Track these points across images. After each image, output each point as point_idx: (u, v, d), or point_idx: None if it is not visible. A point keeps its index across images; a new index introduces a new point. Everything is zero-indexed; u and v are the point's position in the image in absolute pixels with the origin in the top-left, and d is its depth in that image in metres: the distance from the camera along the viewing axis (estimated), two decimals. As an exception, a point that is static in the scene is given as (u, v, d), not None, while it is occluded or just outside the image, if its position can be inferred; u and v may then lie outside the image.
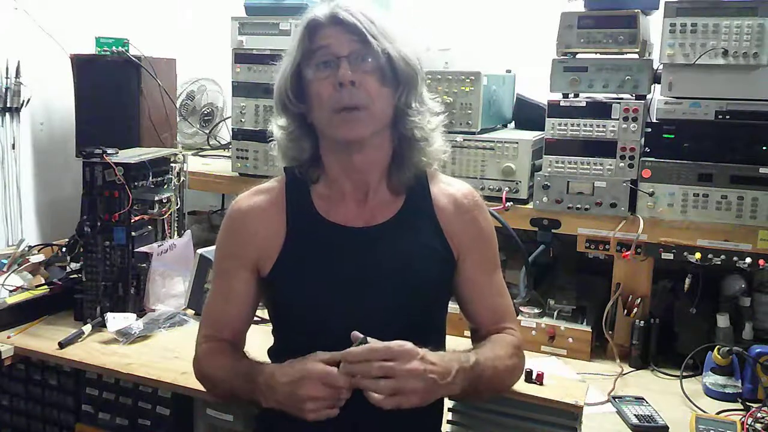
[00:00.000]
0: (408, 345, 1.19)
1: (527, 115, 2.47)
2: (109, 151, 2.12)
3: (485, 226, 1.43)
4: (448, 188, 1.42)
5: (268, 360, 1.40)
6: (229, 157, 2.61)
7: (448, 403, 1.48)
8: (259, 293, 1.42)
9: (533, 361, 1.98)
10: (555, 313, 2.08)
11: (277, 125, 1.39)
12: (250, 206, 1.41)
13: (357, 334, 1.21)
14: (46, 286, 2.24)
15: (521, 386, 1.46)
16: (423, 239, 1.36)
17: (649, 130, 1.98)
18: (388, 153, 1.36)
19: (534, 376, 1.49)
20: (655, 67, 2.00)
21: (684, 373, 1.84)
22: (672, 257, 1.94)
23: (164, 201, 2.27)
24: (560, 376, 1.59)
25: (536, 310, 2.09)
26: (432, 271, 1.36)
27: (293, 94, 1.31)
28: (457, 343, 2.12)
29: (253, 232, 1.38)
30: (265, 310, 1.50)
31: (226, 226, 1.44)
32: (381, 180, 1.37)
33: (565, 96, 2.06)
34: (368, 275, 1.32)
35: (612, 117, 1.99)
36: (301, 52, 1.30)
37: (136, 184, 2.13)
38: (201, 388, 1.49)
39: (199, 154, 2.96)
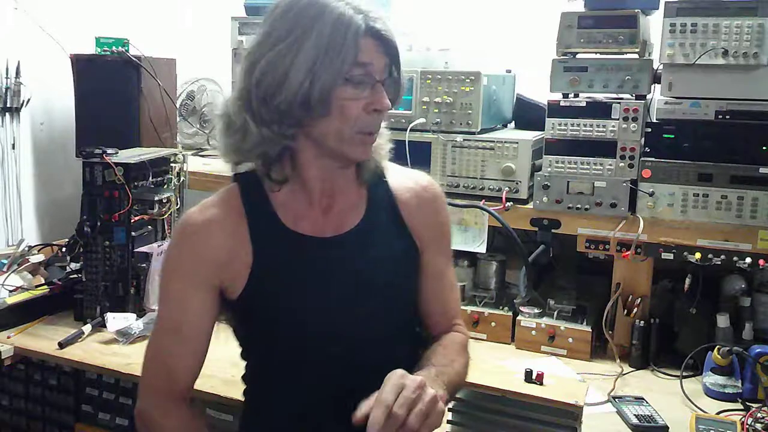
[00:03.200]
0: (412, 377, 1.07)
1: (527, 115, 2.47)
2: (109, 151, 2.12)
3: (444, 218, 1.38)
4: (407, 181, 1.34)
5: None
6: (229, 157, 2.61)
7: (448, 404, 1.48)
8: (214, 321, 1.27)
9: (533, 361, 1.99)
10: (555, 313, 2.08)
11: (254, 116, 1.18)
12: (207, 219, 1.24)
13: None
14: (46, 286, 2.24)
15: (521, 386, 1.46)
16: (392, 241, 1.29)
17: (649, 130, 1.98)
18: None
19: (534, 376, 1.49)
20: (655, 67, 2.00)
21: (684, 373, 1.84)
22: (672, 257, 1.94)
23: (164, 201, 2.27)
24: (560, 376, 1.59)
25: (536, 310, 2.09)
26: (407, 273, 1.31)
27: (318, 101, 1.15)
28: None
29: (213, 246, 1.22)
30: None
31: (177, 242, 1.27)
32: (348, 181, 1.29)
33: (565, 96, 2.06)
34: (348, 286, 1.24)
35: (612, 117, 1.99)
36: (342, 62, 1.14)
37: (136, 184, 2.13)
38: (201, 388, 1.48)
39: (199, 154, 2.95)
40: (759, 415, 1.62)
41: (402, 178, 1.34)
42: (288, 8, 1.16)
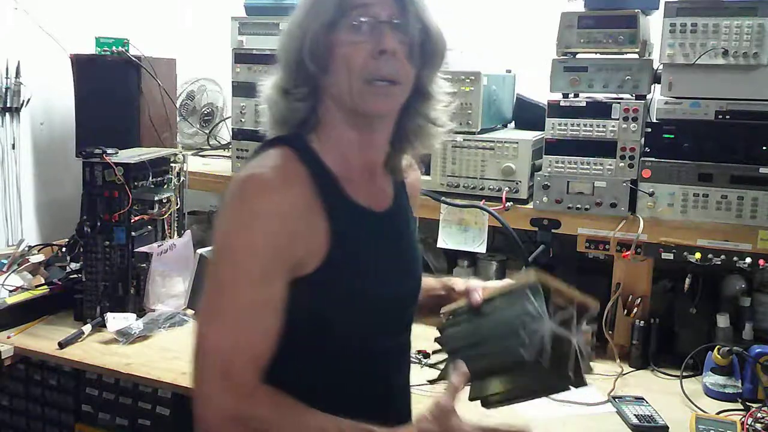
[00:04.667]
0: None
1: (527, 115, 2.47)
2: (109, 151, 2.12)
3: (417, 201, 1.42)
4: (411, 167, 1.33)
5: None
6: (229, 157, 2.61)
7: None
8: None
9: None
10: (555, 313, 2.08)
11: (274, 86, 1.19)
12: (286, 180, 1.10)
13: None
14: (46, 286, 2.24)
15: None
16: (411, 222, 1.32)
17: (649, 130, 1.98)
18: (390, 129, 1.23)
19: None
20: (655, 67, 2.00)
21: (684, 373, 1.84)
22: (672, 257, 1.94)
23: (164, 201, 2.27)
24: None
25: (536, 310, 2.09)
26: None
27: (314, 54, 1.12)
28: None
29: (295, 215, 1.08)
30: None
31: (264, 212, 1.06)
32: (380, 157, 1.25)
33: (565, 96, 2.06)
34: (400, 263, 1.24)
35: (612, 117, 1.99)
36: (334, 6, 1.11)
37: (136, 184, 2.13)
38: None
39: (199, 154, 2.96)
40: (759, 415, 1.62)
41: (407, 163, 1.32)
42: None
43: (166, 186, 2.30)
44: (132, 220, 2.10)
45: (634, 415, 1.65)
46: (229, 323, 1.03)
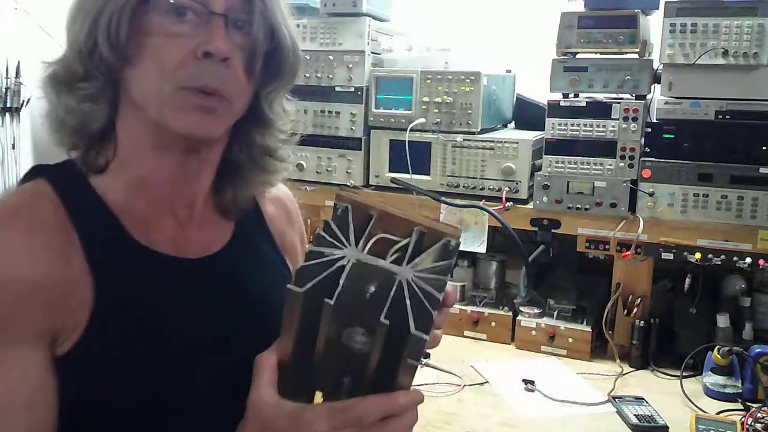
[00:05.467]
0: None
1: (527, 115, 2.47)
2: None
3: (303, 231, 1.12)
4: (272, 189, 1.04)
5: None
6: None
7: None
8: (53, 389, 0.80)
9: (533, 362, 1.99)
10: (555, 313, 2.08)
11: (52, 74, 0.89)
12: (25, 230, 0.80)
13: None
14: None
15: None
16: (264, 265, 0.99)
17: (649, 130, 1.98)
18: (219, 156, 0.93)
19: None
20: (655, 67, 2.00)
21: (684, 373, 1.84)
22: (672, 257, 1.94)
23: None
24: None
25: (536, 310, 2.09)
26: (280, 294, 0.82)
27: (111, 36, 0.81)
28: (456, 343, 2.13)
29: (40, 274, 0.78)
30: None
31: None
32: (209, 193, 0.95)
33: (565, 96, 2.06)
34: (223, 328, 0.89)
35: (612, 117, 1.99)
36: None
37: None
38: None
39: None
40: (759, 415, 1.62)
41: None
42: None
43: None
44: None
45: (634, 415, 1.65)
46: None
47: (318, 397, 0.75)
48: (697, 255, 1.90)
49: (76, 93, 0.85)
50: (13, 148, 2.77)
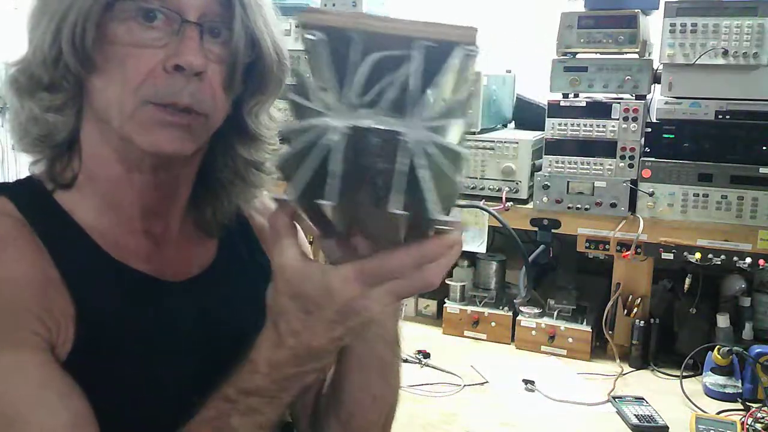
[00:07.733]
0: None
1: (527, 115, 2.47)
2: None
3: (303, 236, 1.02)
4: (256, 201, 0.96)
5: None
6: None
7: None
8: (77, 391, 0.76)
9: (533, 362, 1.99)
10: (555, 313, 2.08)
11: (13, 80, 0.83)
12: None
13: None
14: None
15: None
16: (256, 282, 0.80)
17: (649, 130, 1.98)
18: (195, 170, 0.87)
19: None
20: (655, 67, 2.00)
21: (684, 373, 1.84)
22: (672, 257, 1.93)
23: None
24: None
25: (536, 310, 2.09)
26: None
27: (76, 43, 0.75)
28: (456, 343, 2.13)
29: (26, 278, 0.75)
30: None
31: None
32: (186, 209, 0.90)
33: (565, 96, 2.05)
34: (200, 355, 0.83)
35: (612, 117, 1.99)
36: None
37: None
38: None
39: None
40: (759, 415, 1.62)
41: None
42: None
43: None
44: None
45: (634, 415, 1.65)
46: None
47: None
48: (697, 255, 1.90)
49: (41, 102, 0.80)
50: (13, 148, 2.77)
